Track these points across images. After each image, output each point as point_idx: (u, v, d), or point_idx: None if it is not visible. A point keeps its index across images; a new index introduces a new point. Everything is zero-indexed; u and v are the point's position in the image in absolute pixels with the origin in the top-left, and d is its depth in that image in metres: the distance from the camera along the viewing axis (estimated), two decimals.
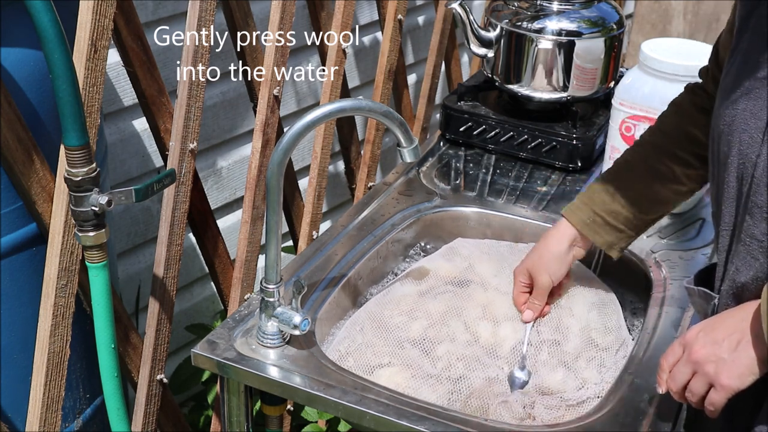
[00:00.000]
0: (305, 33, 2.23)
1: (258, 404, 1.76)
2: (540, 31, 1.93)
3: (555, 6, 1.96)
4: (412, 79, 2.68)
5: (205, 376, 2.02)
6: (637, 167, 1.45)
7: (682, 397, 1.17)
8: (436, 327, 1.46)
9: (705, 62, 1.75)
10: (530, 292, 1.52)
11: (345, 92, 2.10)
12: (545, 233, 1.52)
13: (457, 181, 1.91)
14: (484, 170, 1.96)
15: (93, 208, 1.32)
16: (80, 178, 1.30)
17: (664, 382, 1.19)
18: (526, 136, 1.98)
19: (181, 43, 1.56)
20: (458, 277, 1.58)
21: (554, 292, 1.53)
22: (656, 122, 1.48)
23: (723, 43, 1.33)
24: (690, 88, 1.45)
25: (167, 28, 1.92)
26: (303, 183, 2.14)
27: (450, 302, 1.52)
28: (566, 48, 1.93)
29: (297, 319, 1.32)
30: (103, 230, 1.35)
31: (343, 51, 1.95)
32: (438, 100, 2.64)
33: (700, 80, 1.44)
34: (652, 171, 1.43)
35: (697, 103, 1.41)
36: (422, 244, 1.78)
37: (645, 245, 1.68)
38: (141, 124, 1.92)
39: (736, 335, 1.10)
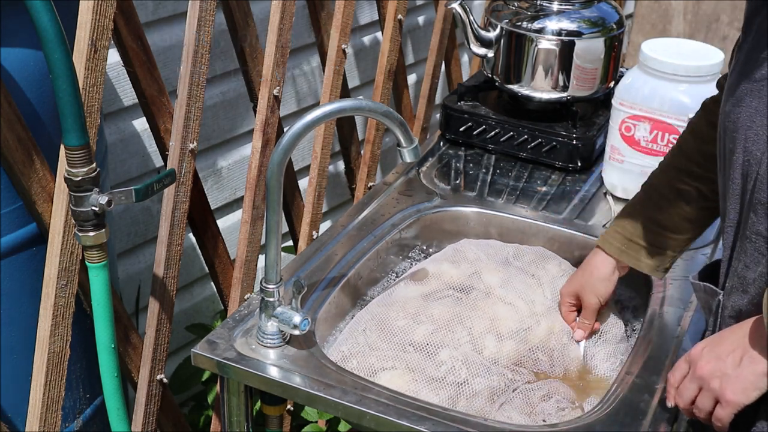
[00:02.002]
0: (305, 33, 2.23)
1: (258, 404, 1.76)
2: (540, 31, 1.93)
3: (555, 6, 1.96)
4: (412, 79, 2.68)
5: (205, 376, 2.02)
6: (663, 191, 1.44)
7: (690, 413, 1.17)
8: (441, 333, 1.46)
9: (705, 62, 1.76)
10: (577, 311, 1.53)
11: (345, 92, 2.10)
12: (588, 258, 1.52)
13: (457, 181, 1.91)
14: (484, 170, 1.96)
15: (93, 208, 1.32)
16: (80, 178, 1.30)
17: (672, 398, 1.20)
18: (526, 136, 1.98)
19: (181, 43, 1.56)
20: (464, 283, 1.57)
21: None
22: (676, 143, 1.47)
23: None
24: (705, 105, 1.44)
25: (167, 28, 1.92)
26: (303, 183, 2.14)
27: (455, 309, 1.50)
28: (566, 48, 1.93)
29: (297, 319, 1.32)
30: (103, 230, 1.35)
31: (343, 51, 1.95)
32: (438, 100, 2.64)
33: (716, 92, 1.43)
34: (677, 193, 1.42)
35: (712, 122, 1.39)
36: (422, 246, 1.77)
37: None
38: (141, 124, 1.92)
39: (739, 351, 1.11)
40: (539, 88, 1.98)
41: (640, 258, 1.45)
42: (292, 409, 1.95)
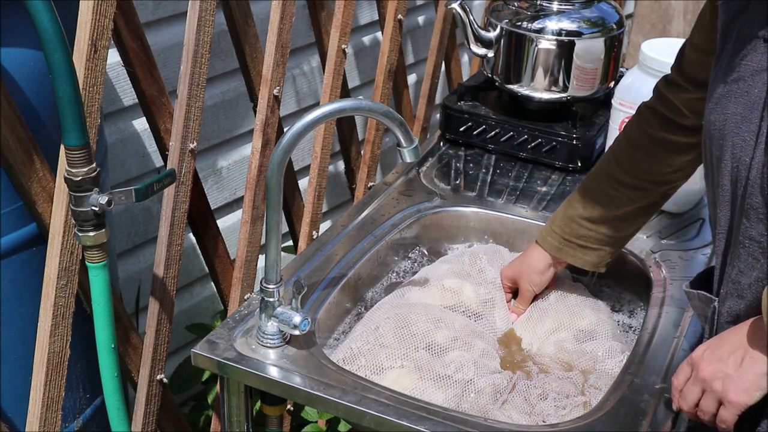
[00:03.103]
0: (305, 33, 2.23)
1: (258, 404, 1.76)
2: (540, 31, 1.93)
3: (555, 6, 1.96)
4: (412, 79, 2.68)
5: (205, 376, 2.02)
6: (596, 194, 1.49)
7: (695, 416, 1.17)
8: (458, 342, 1.45)
9: None
10: (513, 293, 1.61)
11: (345, 92, 2.10)
12: (528, 249, 1.58)
13: (457, 181, 1.91)
14: (484, 170, 1.96)
15: (93, 208, 1.32)
16: (80, 178, 1.30)
17: (677, 401, 1.20)
18: (526, 136, 1.98)
19: (181, 43, 1.56)
20: (479, 310, 1.57)
21: (537, 296, 1.60)
22: (611, 147, 1.51)
23: (695, 45, 1.34)
24: (640, 111, 1.46)
25: (167, 28, 1.92)
26: (303, 183, 2.14)
27: (472, 328, 1.51)
28: (566, 48, 1.93)
29: (297, 319, 1.32)
30: (103, 230, 1.35)
31: (343, 51, 1.95)
32: (438, 100, 2.64)
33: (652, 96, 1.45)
34: (608, 198, 1.47)
35: (646, 131, 1.43)
36: (422, 249, 1.77)
37: (645, 245, 1.68)
38: (141, 124, 1.92)
39: (740, 351, 1.11)
40: (539, 88, 1.98)
41: (578, 256, 1.52)
42: (292, 409, 1.95)
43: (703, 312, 1.26)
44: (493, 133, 2.01)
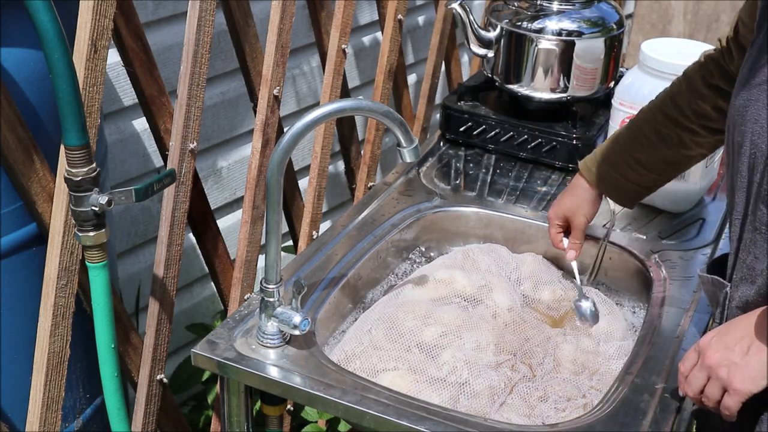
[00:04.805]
0: (305, 33, 2.23)
1: (258, 404, 1.76)
2: (540, 31, 1.93)
3: (555, 6, 1.96)
4: (412, 79, 2.68)
5: (205, 376, 2.02)
6: (647, 131, 1.51)
7: (700, 402, 1.18)
8: (449, 338, 1.46)
9: None
10: (564, 231, 1.65)
11: (345, 92, 2.10)
12: (573, 184, 1.63)
13: (457, 181, 1.91)
14: (484, 170, 1.96)
15: (93, 208, 1.32)
16: (80, 178, 1.30)
17: (682, 387, 1.21)
18: (526, 136, 1.98)
19: (181, 43, 1.56)
20: (474, 295, 1.57)
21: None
22: (669, 88, 1.52)
23: (743, 21, 1.35)
24: (702, 62, 1.47)
25: (167, 28, 1.92)
26: (303, 183, 2.14)
27: (463, 316, 1.50)
28: (566, 48, 1.93)
29: (297, 319, 1.32)
30: (103, 230, 1.35)
31: (343, 51, 1.95)
32: (438, 100, 2.64)
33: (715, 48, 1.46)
34: (660, 136, 1.50)
35: (706, 79, 1.44)
36: (422, 249, 1.77)
37: (645, 245, 1.68)
38: (141, 124, 1.92)
39: (747, 340, 1.11)
40: (539, 88, 1.98)
41: (614, 187, 1.56)
42: (292, 409, 1.95)
43: (714, 297, 1.27)
44: (493, 133, 2.01)
